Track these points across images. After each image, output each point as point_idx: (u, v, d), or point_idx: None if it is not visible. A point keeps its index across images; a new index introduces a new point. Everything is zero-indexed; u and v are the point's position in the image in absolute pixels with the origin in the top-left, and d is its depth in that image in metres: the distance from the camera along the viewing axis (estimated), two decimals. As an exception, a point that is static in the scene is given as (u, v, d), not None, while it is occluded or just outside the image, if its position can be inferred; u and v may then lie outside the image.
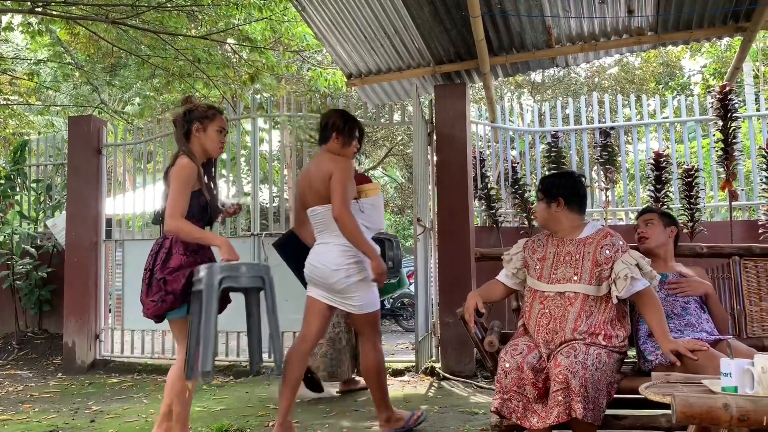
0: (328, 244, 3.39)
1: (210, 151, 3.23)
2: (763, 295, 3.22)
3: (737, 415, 1.76)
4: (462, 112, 5.60)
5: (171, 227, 2.99)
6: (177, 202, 3.01)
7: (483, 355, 3.03)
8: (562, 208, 2.93)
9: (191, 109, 3.26)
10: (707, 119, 6.10)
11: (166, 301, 3.02)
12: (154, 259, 3.07)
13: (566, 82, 16.20)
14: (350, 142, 3.52)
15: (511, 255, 3.04)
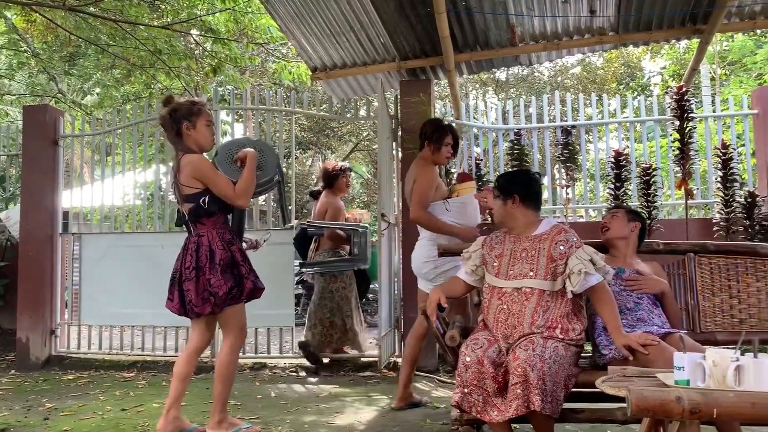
0: (420, 239, 4.02)
1: (203, 146, 3.37)
2: (716, 291, 3.31)
3: (689, 407, 1.80)
4: (427, 108, 5.60)
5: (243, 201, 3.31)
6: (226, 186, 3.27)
7: (444, 350, 3.05)
8: (517, 205, 2.97)
9: (176, 108, 3.32)
10: (665, 119, 6.23)
11: (210, 302, 3.22)
12: (196, 258, 3.24)
13: (530, 81, 16.40)
14: (440, 148, 3.95)
15: (470, 252, 3.08)
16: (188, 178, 3.24)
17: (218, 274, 3.21)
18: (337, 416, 3.90)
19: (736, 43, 15.15)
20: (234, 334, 3.34)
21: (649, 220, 5.71)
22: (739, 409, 1.81)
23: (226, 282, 3.22)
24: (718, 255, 3.34)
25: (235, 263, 3.29)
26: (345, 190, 5.78)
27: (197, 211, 3.27)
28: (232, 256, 3.29)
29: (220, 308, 3.25)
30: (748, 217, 5.52)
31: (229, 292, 3.23)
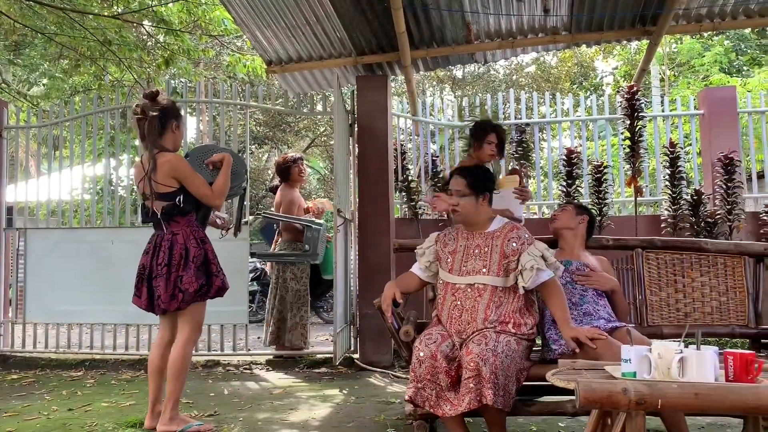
0: None
1: (178, 146, 3.47)
2: (663, 286, 3.41)
3: (635, 398, 1.85)
4: (384, 104, 5.61)
5: (220, 202, 3.41)
6: (203, 186, 3.32)
7: (399, 345, 3.06)
8: (486, 202, 3.00)
9: (168, 106, 3.36)
10: (616, 118, 6.38)
11: (177, 298, 3.24)
12: (170, 255, 3.25)
13: (486, 79, 16.57)
14: (481, 146, 4.03)
15: (423, 249, 3.09)
16: (165, 177, 3.27)
17: (191, 271, 3.25)
18: (292, 413, 3.87)
19: (685, 46, 15.63)
20: (191, 330, 3.36)
21: (599, 217, 5.84)
22: (682, 399, 1.86)
23: (198, 279, 3.26)
24: (665, 250, 3.44)
25: (207, 261, 3.34)
26: (300, 179, 5.73)
27: (172, 209, 3.31)
28: (205, 253, 3.34)
29: (186, 304, 3.28)
30: (694, 214, 5.71)
31: (199, 290, 3.27)
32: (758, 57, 15.44)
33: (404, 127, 6.60)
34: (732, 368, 2.01)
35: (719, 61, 14.66)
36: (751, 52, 15.77)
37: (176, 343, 3.35)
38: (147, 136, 3.34)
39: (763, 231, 5.72)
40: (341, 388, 4.58)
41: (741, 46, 15.89)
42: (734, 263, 3.38)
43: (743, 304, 3.34)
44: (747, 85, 11.26)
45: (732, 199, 5.71)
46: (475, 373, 2.54)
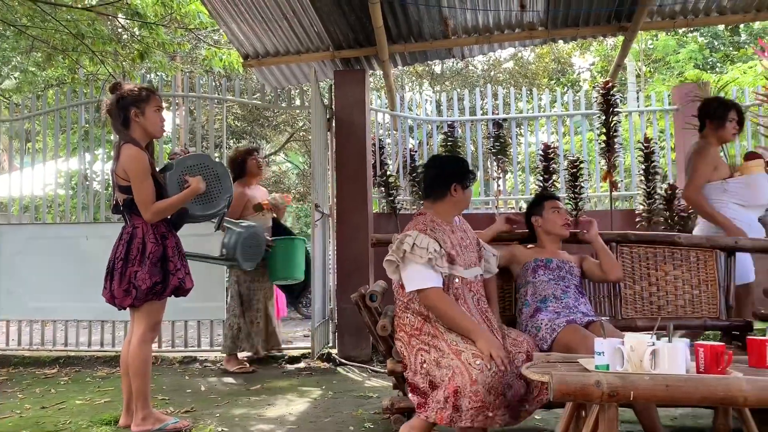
0: (699, 221, 4.01)
1: (153, 133, 3.29)
2: (637, 279, 3.45)
3: (608, 391, 1.87)
4: (361, 98, 5.60)
5: (151, 217, 3.17)
6: (145, 194, 3.15)
7: (376, 340, 3.06)
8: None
9: (124, 94, 3.22)
10: (592, 113, 6.44)
11: (131, 294, 3.16)
12: (127, 248, 3.17)
13: (464, 74, 16.60)
14: (723, 125, 3.83)
15: (433, 253, 2.69)
16: (122, 170, 3.18)
17: (146, 267, 3.15)
18: (269, 408, 3.86)
19: (660, 42, 15.82)
20: (145, 329, 3.25)
21: (575, 211, 5.90)
22: (654, 391, 1.88)
23: (152, 277, 3.16)
24: (639, 244, 3.48)
25: (165, 258, 3.23)
26: (258, 172, 5.15)
27: (132, 202, 3.21)
28: (164, 250, 3.23)
29: (140, 302, 3.20)
30: (668, 209, 5.79)
31: (152, 288, 3.17)
32: (731, 54, 15.68)
33: (383, 122, 6.59)
34: (702, 360, 2.05)
35: (694, 57, 14.87)
36: (725, 49, 16.01)
37: (132, 342, 3.25)
38: (112, 127, 3.29)
39: (735, 225, 5.81)
40: (319, 383, 4.57)
41: (714, 43, 16.14)
42: (706, 257, 3.44)
43: (715, 296, 3.40)
44: (720, 81, 11.42)
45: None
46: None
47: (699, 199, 3.80)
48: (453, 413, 2.47)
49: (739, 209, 3.78)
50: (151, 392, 3.39)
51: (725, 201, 3.79)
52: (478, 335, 2.57)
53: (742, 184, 3.82)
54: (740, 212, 3.77)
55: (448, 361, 2.56)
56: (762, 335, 2.81)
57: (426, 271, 2.68)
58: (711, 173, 3.82)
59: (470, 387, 2.44)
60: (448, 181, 2.87)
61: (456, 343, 2.59)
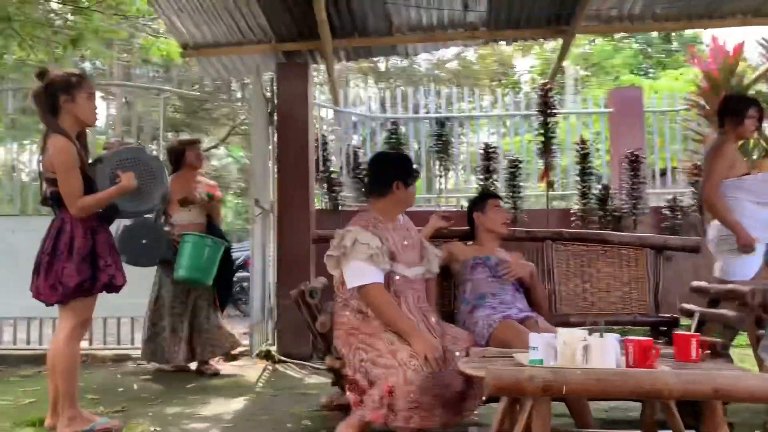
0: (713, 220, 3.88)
1: (85, 121, 3.15)
2: (571, 276, 3.54)
3: (541, 385, 1.90)
4: (304, 92, 5.54)
5: (77, 213, 3.02)
6: (71, 187, 3.01)
7: (315, 336, 3.03)
8: None
9: (52, 81, 3.06)
10: (530, 114, 6.57)
11: (57, 291, 3.01)
12: (55, 243, 3.03)
13: (409, 72, 16.68)
14: (742, 121, 3.76)
15: (374, 249, 2.70)
16: (50, 162, 3.04)
17: (74, 263, 3.01)
18: (204, 407, 3.77)
19: (597, 47, 16.32)
20: (74, 326, 3.10)
21: (514, 210, 6.01)
22: (585, 385, 1.92)
23: (80, 273, 3.01)
24: (573, 242, 3.57)
25: (94, 253, 3.08)
26: (198, 164, 4.81)
27: (58, 194, 3.05)
28: (93, 245, 3.08)
29: (67, 299, 3.04)
30: (602, 208, 5.97)
31: (80, 285, 3.02)
32: (664, 61, 16.31)
33: (326, 118, 6.56)
34: (632, 355, 2.11)
35: (629, 63, 15.41)
36: (657, 56, 16.64)
37: (57, 339, 3.11)
38: (39, 116, 3.13)
39: (664, 225, 6.06)
40: (257, 381, 4.50)
41: (648, 50, 16.75)
42: (637, 255, 3.55)
43: (644, 293, 3.52)
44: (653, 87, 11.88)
45: (636, 194, 6.01)
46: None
47: (715, 199, 3.73)
48: (388, 413, 2.47)
49: (754, 206, 3.74)
50: (80, 392, 3.25)
51: (741, 198, 3.74)
52: (414, 336, 2.57)
53: (758, 182, 3.79)
54: (755, 209, 3.73)
55: (384, 360, 2.56)
56: (687, 330, 2.93)
57: (367, 268, 2.67)
58: (728, 171, 3.75)
59: (405, 387, 2.44)
60: (390, 178, 2.86)
61: (392, 342, 2.59)
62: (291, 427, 3.31)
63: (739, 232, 3.64)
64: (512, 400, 2.33)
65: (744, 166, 3.87)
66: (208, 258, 4.45)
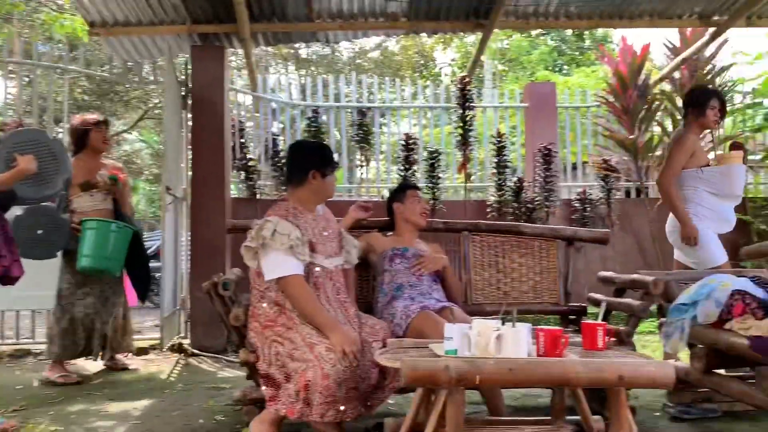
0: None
1: None
2: (486, 266, 3.60)
3: (455, 376, 1.91)
4: (220, 77, 5.37)
5: None
6: None
7: (229, 330, 2.94)
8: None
9: None
10: (450, 107, 6.65)
11: None
12: None
13: (330, 60, 16.54)
14: (704, 112, 3.81)
15: (294, 240, 2.62)
16: None
17: None
18: (111, 403, 3.60)
19: (514, 43, 16.76)
20: None
21: (432, 201, 6.08)
22: (498, 374, 1.95)
23: None
24: (489, 233, 3.64)
25: None
26: (102, 147, 4.36)
27: None
28: None
29: None
30: (517, 200, 6.13)
31: None
32: (577, 58, 16.95)
33: (244, 104, 6.39)
34: (542, 344, 2.16)
35: (544, 59, 15.92)
36: (571, 54, 17.28)
37: None
38: None
39: (574, 217, 6.29)
40: (168, 375, 4.35)
41: (563, 47, 17.37)
42: (549, 246, 3.66)
43: (555, 283, 3.63)
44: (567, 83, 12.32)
45: (549, 187, 6.21)
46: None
47: (669, 187, 3.81)
48: (303, 407, 2.43)
49: (711, 198, 3.82)
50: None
51: (699, 189, 3.82)
52: (332, 330, 2.54)
53: (718, 174, 3.83)
54: (712, 201, 3.81)
55: (301, 354, 2.51)
56: (595, 319, 3.04)
57: (287, 259, 2.60)
58: (688, 161, 3.82)
59: (321, 381, 2.40)
60: (307, 167, 2.80)
61: (310, 335, 2.54)
62: (203, 423, 3.21)
63: (686, 222, 3.75)
64: (427, 390, 2.33)
65: (704, 157, 3.92)
66: (115, 245, 4.10)
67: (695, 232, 3.74)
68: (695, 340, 2.80)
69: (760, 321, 2.57)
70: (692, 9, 5.74)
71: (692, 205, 3.83)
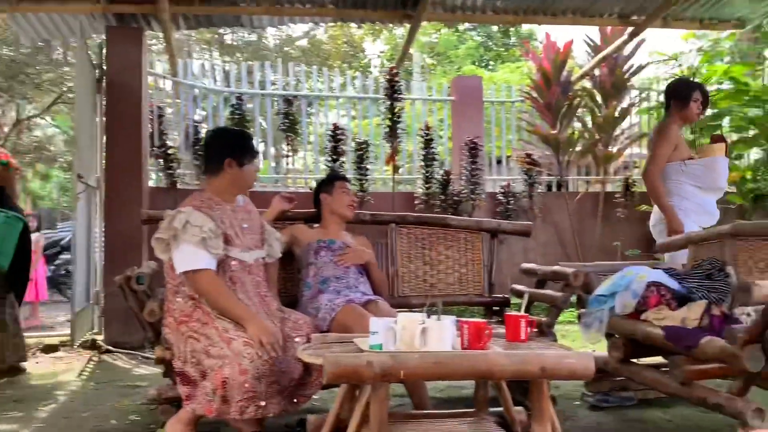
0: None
1: None
2: (413, 258, 3.58)
3: (379, 371, 1.86)
4: (138, 60, 5.11)
5: None
6: None
7: (143, 326, 2.79)
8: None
9: None
10: (378, 98, 6.60)
11: None
12: None
13: (256, 47, 16.16)
14: (687, 104, 3.80)
15: (207, 232, 2.49)
16: None
17: None
18: (15, 405, 3.37)
19: (443, 37, 16.93)
20: None
21: (361, 193, 6.02)
22: (423, 368, 1.92)
23: None
24: (416, 226, 3.62)
25: None
26: None
27: None
28: None
29: None
30: (444, 193, 6.17)
31: None
32: (502, 54, 17.28)
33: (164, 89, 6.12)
34: (467, 336, 2.15)
35: (471, 54, 16.15)
36: (497, 50, 17.61)
37: None
38: None
39: (498, 209, 6.39)
40: (80, 374, 4.12)
41: (489, 43, 17.67)
42: (474, 238, 3.67)
43: (480, 275, 3.65)
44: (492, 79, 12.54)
45: (475, 180, 6.27)
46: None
47: (654, 181, 3.81)
48: (221, 405, 2.32)
49: (695, 191, 3.81)
50: None
51: (683, 182, 3.81)
52: (249, 321, 2.44)
53: (701, 167, 3.81)
54: (696, 194, 3.80)
55: (217, 350, 2.40)
56: (518, 310, 3.07)
57: (198, 252, 2.47)
58: (671, 153, 3.81)
59: (239, 378, 2.30)
60: (222, 155, 2.67)
61: (227, 330, 2.43)
62: (116, 424, 3.05)
63: (671, 217, 3.74)
64: (351, 386, 2.28)
65: (687, 150, 3.93)
66: (1, 236, 3.82)
67: (682, 227, 3.70)
68: (613, 330, 2.87)
69: (674, 312, 2.67)
70: (612, 8, 5.92)
71: (677, 198, 3.81)
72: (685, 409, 3.18)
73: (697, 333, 2.46)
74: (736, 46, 7.08)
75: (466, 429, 2.36)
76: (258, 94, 6.55)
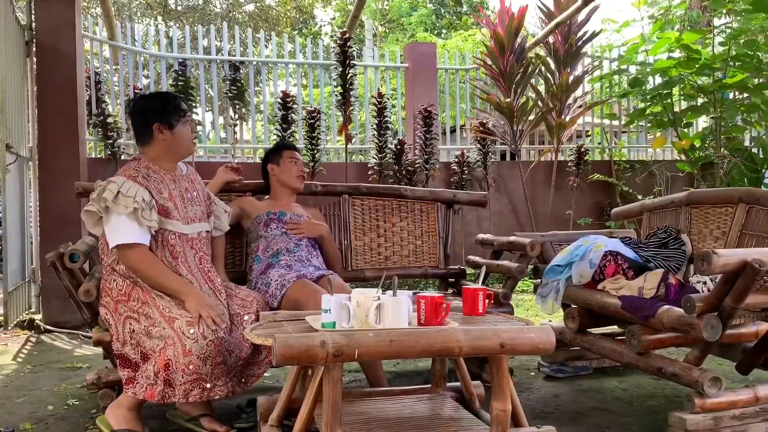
0: None
1: None
2: (366, 231, 3.48)
3: (333, 351, 1.75)
4: (71, 21, 4.77)
5: None
6: None
7: (79, 306, 2.61)
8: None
9: None
10: (330, 64, 6.40)
11: None
12: None
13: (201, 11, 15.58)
14: None
15: (141, 203, 2.32)
16: None
17: None
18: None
19: (395, 4, 16.65)
20: None
21: (312, 163, 5.85)
22: (378, 347, 1.82)
23: None
24: (369, 197, 3.51)
25: None
26: None
27: None
28: None
29: None
30: (398, 163, 6.05)
31: None
32: (455, 22, 17.14)
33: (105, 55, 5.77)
34: (423, 312, 2.06)
35: (423, 21, 15.95)
36: (449, 18, 17.45)
37: None
38: None
39: (453, 179, 6.32)
40: (15, 356, 3.89)
41: (441, 11, 17.49)
42: (429, 209, 3.59)
43: (435, 246, 3.58)
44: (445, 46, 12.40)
45: (429, 150, 6.17)
46: None
47: None
48: (165, 389, 2.18)
49: None
50: None
51: None
52: (187, 294, 2.29)
53: None
54: None
55: (159, 330, 2.25)
56: (474, 281, 3.00)
57: (130, 225, 2.30)
58: None
59: (183, 359, 2.16)
60: (149, 121, 2.48)
61: (169, 309, 2.28)
62: (53, 410, 2.87)
63: None
64: (303, 366, 2.18)
65: None
66: None
67: None
68: (570, 300, 2.84)
69: (631, 281, 2.64)
70: (566, -25, 5.84)
71: None
72: (640, 378, 3.20)
73: (654, 302, 2.44)
74: (686, 14, 7.12)
75: (423, 407, 2.29)
76: (203, 59, 6.26)
